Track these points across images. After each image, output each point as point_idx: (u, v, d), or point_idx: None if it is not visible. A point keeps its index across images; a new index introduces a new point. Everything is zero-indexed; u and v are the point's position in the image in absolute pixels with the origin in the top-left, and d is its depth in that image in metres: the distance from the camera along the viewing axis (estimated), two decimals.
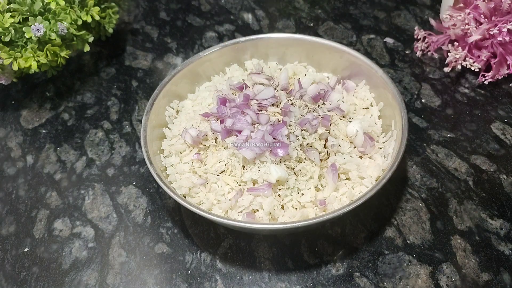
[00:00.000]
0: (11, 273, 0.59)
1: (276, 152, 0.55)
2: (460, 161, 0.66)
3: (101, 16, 0.81)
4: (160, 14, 0.98)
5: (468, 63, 0.75)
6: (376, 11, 0.93)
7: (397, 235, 0.59)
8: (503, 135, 0.69)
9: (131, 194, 0.66)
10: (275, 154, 0.55)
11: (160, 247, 0.60)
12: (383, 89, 0.63)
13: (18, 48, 0.71)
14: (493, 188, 0.63)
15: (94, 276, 0.58)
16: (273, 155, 0.55)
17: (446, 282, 0.54)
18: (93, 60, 0.88)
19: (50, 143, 0.75)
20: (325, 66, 0.71)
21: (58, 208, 0.66)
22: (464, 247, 0.57)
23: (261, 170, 0.55)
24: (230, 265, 0.58)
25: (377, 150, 0.60)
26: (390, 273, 0.56)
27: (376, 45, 0.86)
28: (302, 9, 0.95)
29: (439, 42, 0.79)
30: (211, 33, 0.92)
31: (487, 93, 0.75)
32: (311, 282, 0.56)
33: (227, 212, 0.56)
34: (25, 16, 0.70)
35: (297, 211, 0.54)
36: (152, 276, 0.57)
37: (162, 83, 0.66)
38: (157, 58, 0.88)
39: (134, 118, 0.77)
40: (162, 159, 0.62)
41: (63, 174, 0.70)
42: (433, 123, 0.71)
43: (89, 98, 0.81)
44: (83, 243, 0.61)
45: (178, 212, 0.63)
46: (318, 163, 0.56)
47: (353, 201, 0.51)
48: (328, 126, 0.60)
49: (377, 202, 0.62)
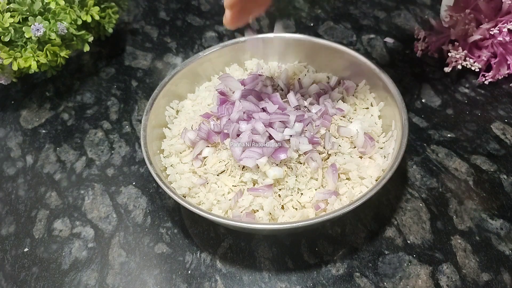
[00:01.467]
0: (11, 273, 0.59)
1: (278, 156, 0.54)
2: (460, 161, 0.66)
3: (100, 16, 0.81)
4: (160, 14, 0.98)
5: (468, 63, 0.75)
6: (376, 11, 0.93)
7: (397, 235, 0.59)
8: (503, 135, 0.69)
9: (131, 194, 0.66)
10: (275, 157, 0.54)
11: (160, 247, 0.60)
12: (383, 89, 0.63)
13: (18, 48, 0.71)
14: (493, 188, 0.63)
15: (94, 276, 0.58)
16: (274, 158, 0.55)
17: (446, 282, 0.54)
18: (92, 60, 0.88)
19: (49, 143, 0.75)
20: (325, 66, 0.71)
21: (58, 208, 0.66)
22: (464, 247, 0.57)
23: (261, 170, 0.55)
24: (230, 265, 0.58)
25: (377, 150, 0.60)
26: (390, 273, 0.55)
27: (376, 45, 0.86)
28: (302, 9, 0.95)
29: (439, 42, 0.79)
30: (211, 33, 0.92)
31: (487, 93, 0.75)
32: (311, 282, 0.56)
33: (227, 212, 0.55)
34: (25, 16, 0.70)
35: (297, 211, 0.54)
36: (152, 276, 0.57)
37: (162, 83, 0.66)
38: (156, 58, 0.88)
39: (134, 118, 0.77)
40: (162, 159, 0.62)
41: (63, 174, 0.70)
42: (433, 123, 0.71)
43: (89, 98, 0.81)
44: (83, 243, 0.61)
45: (178, 212, 0.63)
46: (320, 165, 0.56)
47: (353, 201, 0.51)
48: (329, 126, 0.60)
49: (377, 202, 0.62)
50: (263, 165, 0.54)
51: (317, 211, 0.54)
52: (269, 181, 0.54)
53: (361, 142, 0.59)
